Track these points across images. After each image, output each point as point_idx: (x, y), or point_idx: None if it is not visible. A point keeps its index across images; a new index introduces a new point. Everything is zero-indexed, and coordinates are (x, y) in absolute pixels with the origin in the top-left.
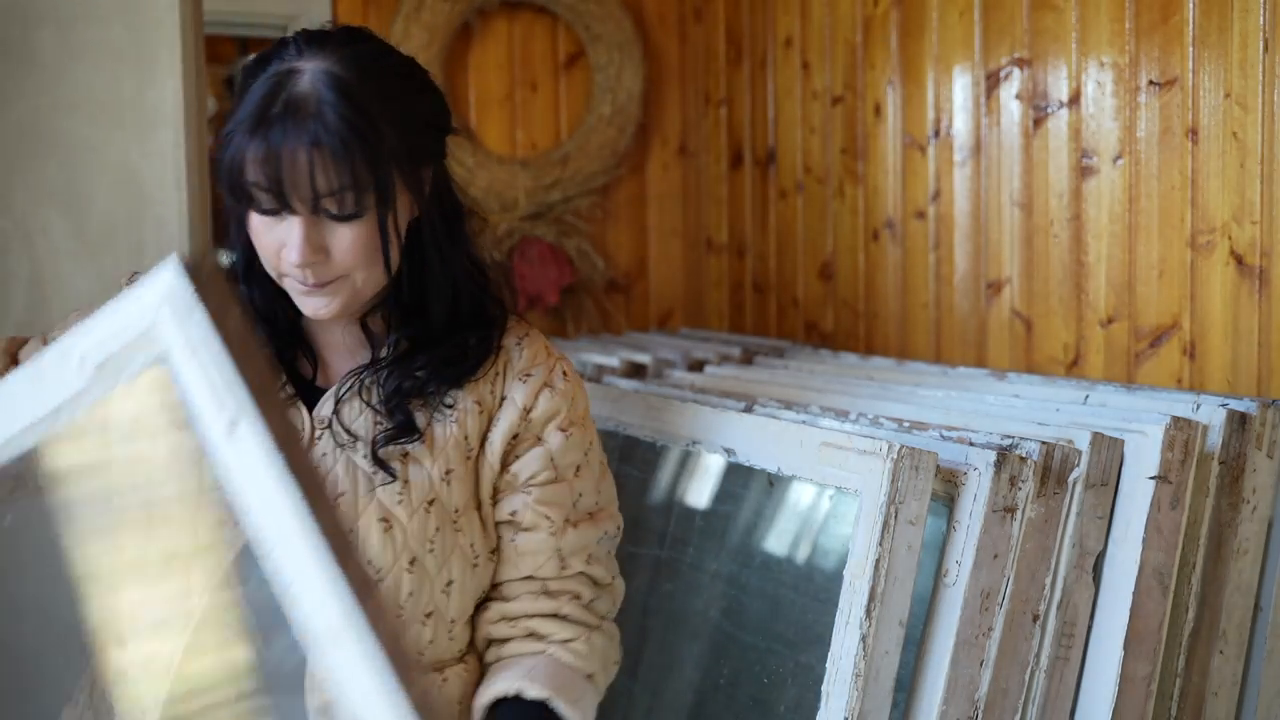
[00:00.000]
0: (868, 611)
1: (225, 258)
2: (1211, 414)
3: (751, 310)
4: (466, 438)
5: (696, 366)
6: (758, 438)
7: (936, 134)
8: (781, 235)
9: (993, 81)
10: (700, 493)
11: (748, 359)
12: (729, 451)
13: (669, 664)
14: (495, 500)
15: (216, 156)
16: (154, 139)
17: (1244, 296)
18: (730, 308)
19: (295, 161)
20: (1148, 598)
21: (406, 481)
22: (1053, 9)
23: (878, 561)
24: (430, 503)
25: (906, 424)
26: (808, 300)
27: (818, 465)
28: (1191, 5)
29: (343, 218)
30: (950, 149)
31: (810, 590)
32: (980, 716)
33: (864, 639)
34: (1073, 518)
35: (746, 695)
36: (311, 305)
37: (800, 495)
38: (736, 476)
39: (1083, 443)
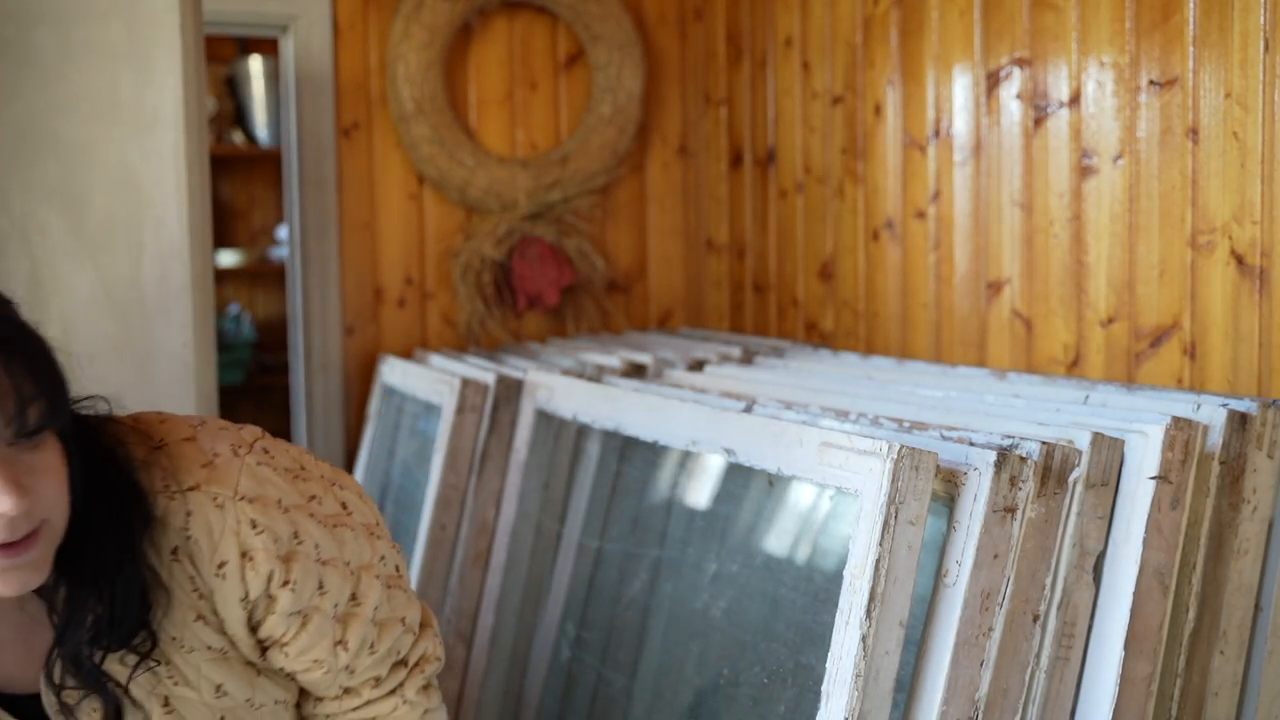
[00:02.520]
0: (868, 611)
1: None
2: (1212, 414)
3: (751, 310)
4: (209, 647)
5: (696, 366)
6: (758, 438)
7: (936, 134)
8: (781, 235)
9: (993, 81)
10: (700, 493)
11: (748, 359)
12: (729, 451)
13: (669, 664)
14: (264, 654)
15: None
16: (153, 139)
17: (1244, 296)
18: (730, 308)
19: None
20: (1148, 598)
21: None
22: (1053, 9)
23: (878, 561)
24: (222, 719)
25: (906, 424)
26: (808, 300)
27: (818, 465)
28: (1192, 5)
29: (37, 433)
30: (950, 149)
31: (810, 590)
32: (980, 716)
33: (864, 639)
34: (1073, 518)
35: (746, 695)
36: (18, 579)
37: (800, 495)
38: (736, 476)
39: (1083, 443)
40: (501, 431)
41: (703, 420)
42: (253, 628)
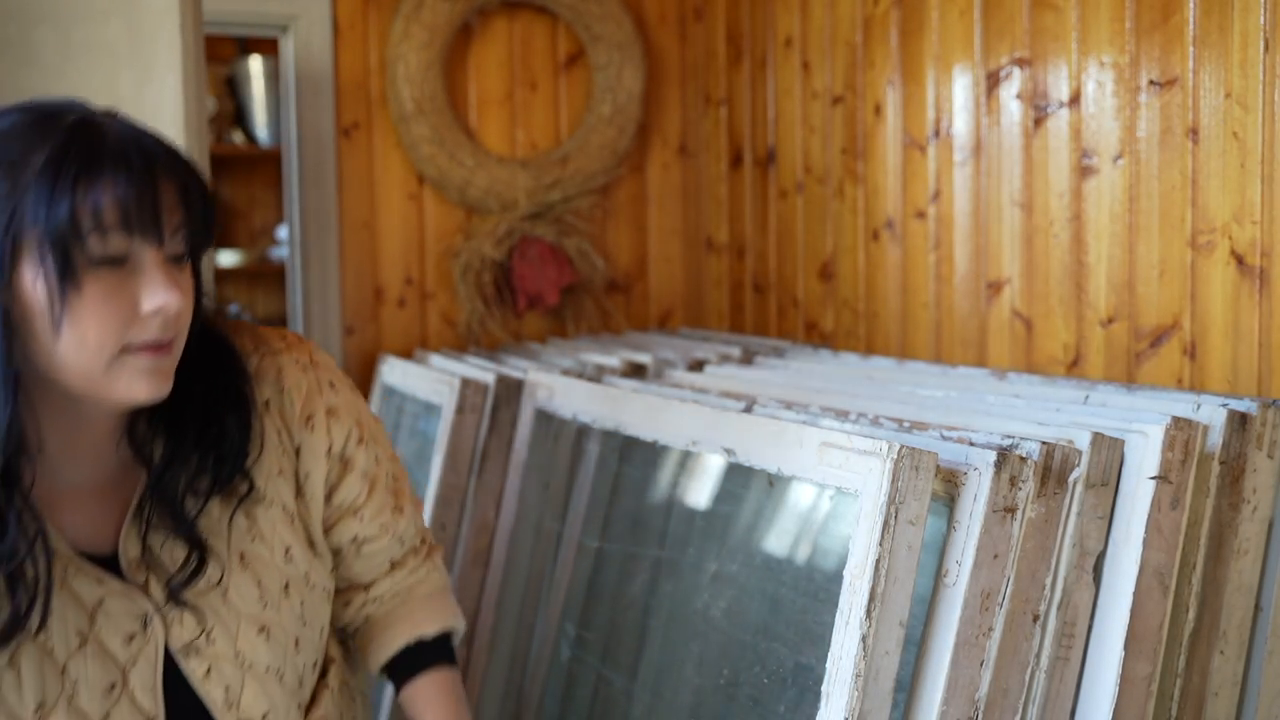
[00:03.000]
0: (868, 611)
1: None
2: (1212, 414)
3: (751, 310)
4: (284, 507)
5: (696, 366)
6: (758, 438)
7: (936, 134)
8: (781, 235)
9: (993, 81)
10: (700, 493)
11: (748, 359)
12: (729, 451)
13: (669, 664)
14: (327, 530)
15: (3, 230)
16: None
17: (1244, 296)
18: (730, 308)
19: (139, 190)
20: (1148, 598)
21: (259, 583)
22: (1053, 9)
23: (878, 561)
24: (286, 586)
25: (906, 424)
26: (808, 300)
27: (818, 465)
28: (1192, 5)
29: (184, 257)
30: (950, 149)
31: (810, 590)
32: (980, 717)
33: (864, 639)
34: (1073, 518)
35: (746, 695)
36: (157, 381)
37: (800, 495)
38: (736, 476)
39: (1083, 443)
40: (501, 431)
41: (703, 420)
42: (328, 495)
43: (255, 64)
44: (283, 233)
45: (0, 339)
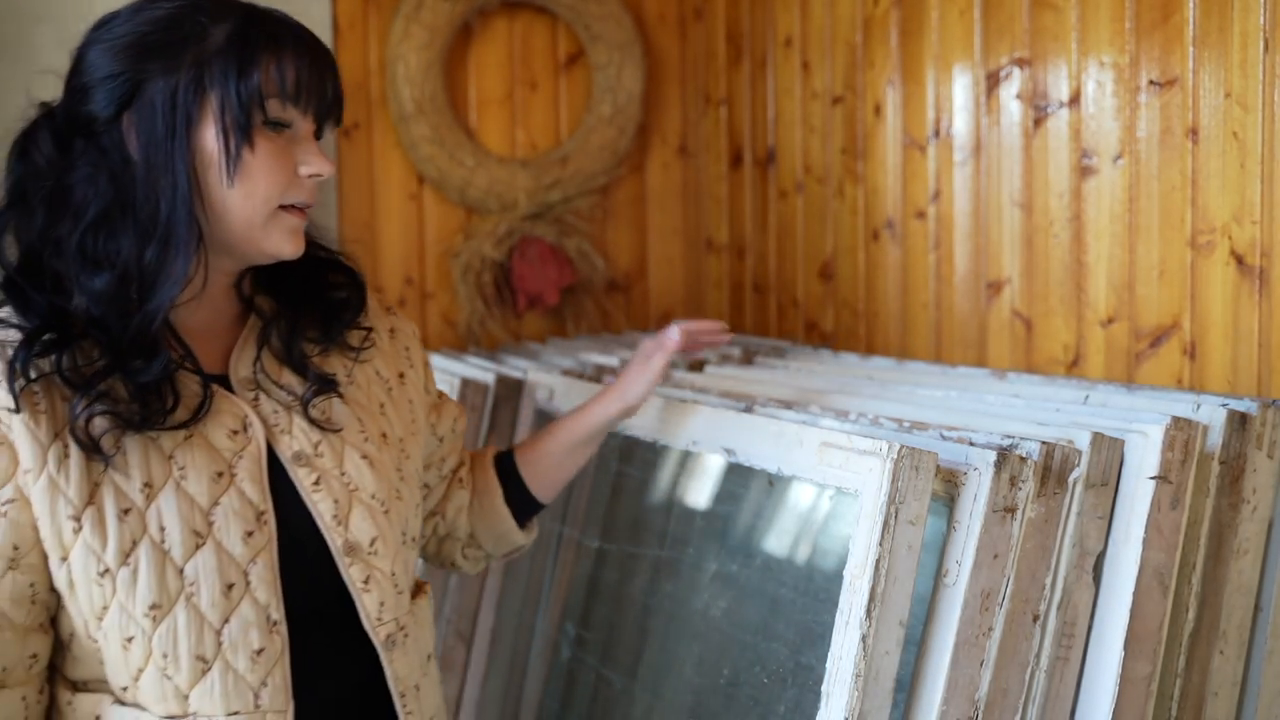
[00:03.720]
0: (868, 611)
1: None
2: (1212, 414)
3: (751, 310)
4: (378, 372)
5: (696, 366)
6: (758, 438)
7: (936, 134)
8: (781, 235)
9: (993, 81)
10: (700, 493)
11: (748, 359)
12: (729, 451)
13: (669, 664)
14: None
15: (189, 89)
16: None
17: (1244, 296)
18: (730, 308)
19: (310, 69)
20: (1148, 598)
21: (360, 420)
22: (1053, 9)
23: (878, 561)
24: (384, 435)
25: (906, 424)
26: (808, 300)
27: (818, 465)
28: (1192, 5)
29: (320, 134)
30: (950, 149)
31: (810, 590)
32: (980, 717)
33: (864, 639)
34: (1073, 518)
35: (746, 695)
36: (299, 240)
37: (800, 495)
38: (736, 476)
39: (1083, 443)
40: (501, 431)
41: (703, 420)
42: (426, 389)
43: None
44: None
45: (186, 189)
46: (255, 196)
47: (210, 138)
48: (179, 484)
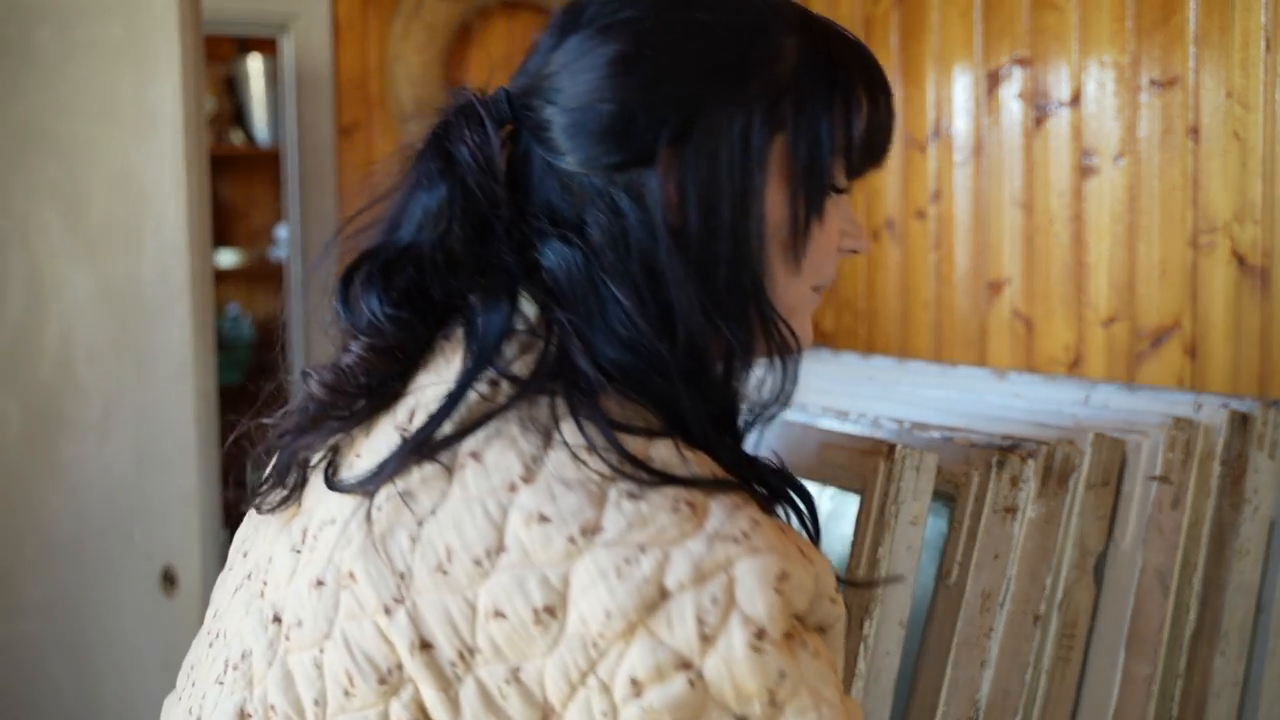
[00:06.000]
0: (868, 611)
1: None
2: (1213, 414)
3: None
4: None
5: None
6: (758, 437)
7: (937, 134)
8: None
9: (993, 81)
10: None
11: None
12: None
13: None
14: None
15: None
16: (153, 138)
17: (1245, 296)
18: None
19: (890, 112)
20: (1149, 598)
21: None
22: (1054, 8)
23: (878, 562)
24: None
25: (907, 424)
26: None
27: (818, 465)
28: (1193, 4)
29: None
30: (951, 149)
31: None
32: (981, 717)
33: (864, 639)
34: (1074, 518)
35: None
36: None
37: None
38: None
39: (1084, 443)
40: None
41: None
42: None
43: (255, 63)
44: (282, 233)
45: (751, 261)
46: (817, 276)
47: (775, 203)
48: None
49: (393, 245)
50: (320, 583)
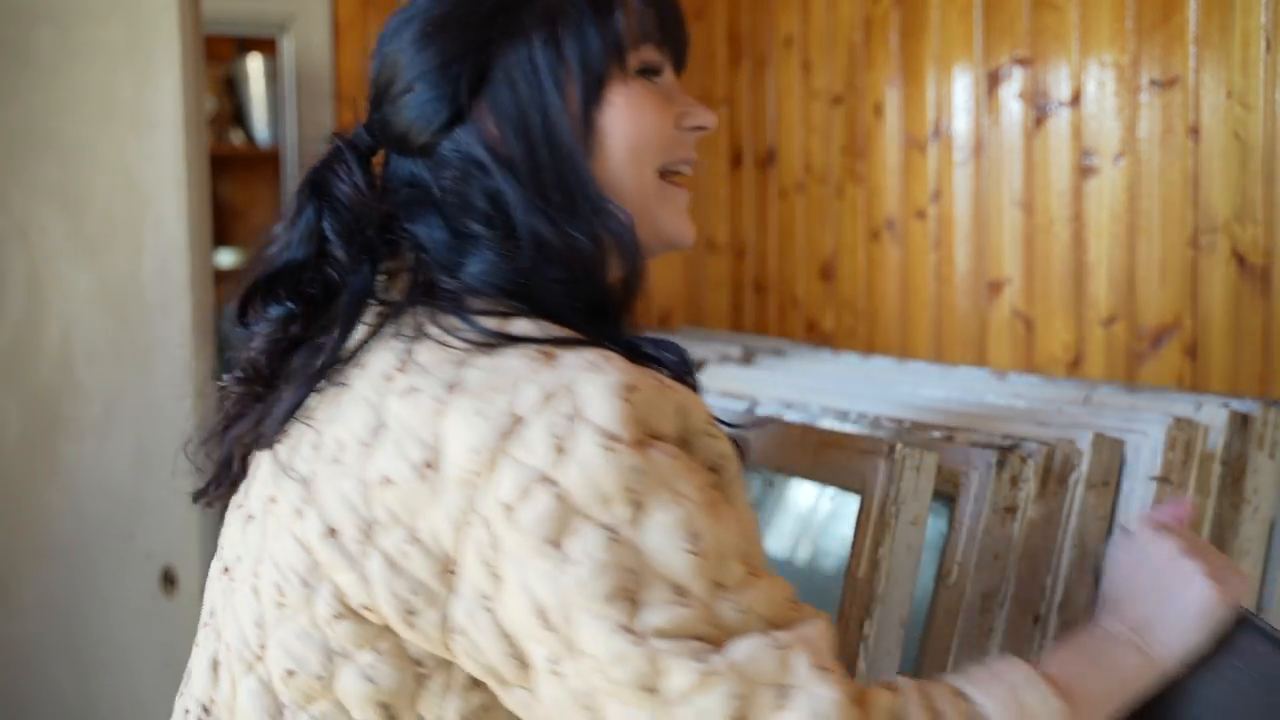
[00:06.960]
0: (868, 611)
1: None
2: (1213, 414)
3: (751, 310)
4: None
5: (697, 366)
6: (758, 437)
7: (937, 134)
8: (781, 235)
9: (993, 81)
10: None
11: (748, 359)
12: None
13: None
14: None
15: (585, 27)
16: (152, 138)
17: (1246, 296)
18: (730, 308)
19: (678, 10)
20: None
21: None
22: (1054, 8)
23: (878, 561)
24: None
25: (907, 424)
26: (808, 300)
27: (818, 465)
28: (1193, 4)
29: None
30: (950, 149)
31: (810, 590)
32: None
33: (864, 639)
34: (1074, 518)
35: None
36: (687, 219)
37: (800, 495)
38: None
39: (1084, 443)
40: None
41: None
42: None
43: (254, 64)
44: None
45: (580, 160)
46: (647, 151)
47: (574, 101)
48: None
49: (275, 260)
50: (251, 517)
